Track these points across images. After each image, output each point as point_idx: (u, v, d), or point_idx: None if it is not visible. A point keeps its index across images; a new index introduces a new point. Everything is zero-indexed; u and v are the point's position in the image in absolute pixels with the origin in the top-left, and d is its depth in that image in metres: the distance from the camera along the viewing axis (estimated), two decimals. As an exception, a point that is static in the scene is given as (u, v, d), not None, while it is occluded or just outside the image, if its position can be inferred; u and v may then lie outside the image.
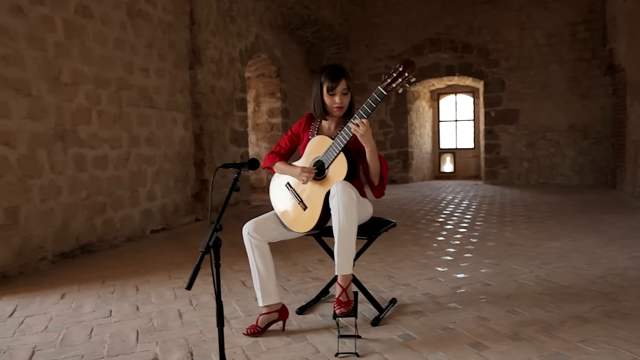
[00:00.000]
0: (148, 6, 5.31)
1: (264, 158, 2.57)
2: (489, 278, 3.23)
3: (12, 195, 3.60)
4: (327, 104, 2.38)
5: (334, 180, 2.27)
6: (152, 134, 5.34)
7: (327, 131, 2.49)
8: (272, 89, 9.76)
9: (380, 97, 2.19)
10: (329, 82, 2.34)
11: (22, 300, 3.03)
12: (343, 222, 2.16)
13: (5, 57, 3.57)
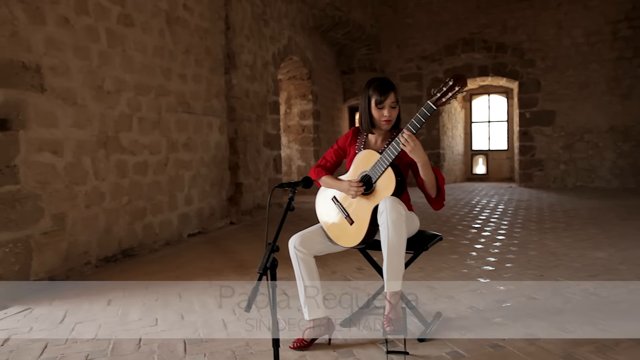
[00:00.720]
0: (185, 13, 5.38)
1: (310, 171, 2.57)
2: (534, 291, 3.16)
3: (60, 202, 3.70)
4: (375, 117, 2.36)
5: (381, 195, 2.25)
6: (189, 139, 5.41)
7: (374, 145, 2.47)
8: (304, 91, 9.78)
9: (429, 112, 2.16)
10: (377, 95, 2.32)
11: (71, 305, 3.11)
12: (392, 239, 2.14)
13: (53, 67, 3.67)
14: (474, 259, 4.09)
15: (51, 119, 3.65)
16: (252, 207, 6.85)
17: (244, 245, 4.91)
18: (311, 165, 9.93)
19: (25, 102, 3.44)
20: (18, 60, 3.39)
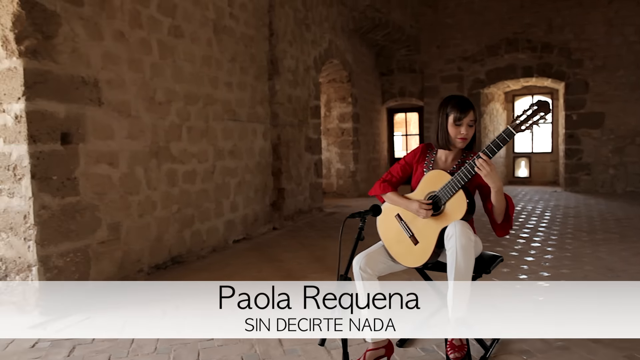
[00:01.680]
0: (232, 21, 5.44)
1: (374, 185, 2.54)
2: (597, 314, 3.04)
3: (115, 211, 3.81)
4: (451, 135, 2.32)
5: (450, 217, 2.21)
6: (234, 146, 5.48)
7: (444, 164, 2.42)
8: (343, 93, 9.76)
9: (509, 137, 2.11)
10: (457, 113, 2.28)
11: (128, 315, 3.19)
12: (460, 264, 2.09)
13: (109, 81, 3.77)
14: (526, 273, 3.98)
15: (107, 131, 3.75)
16: (293, 212, 6.88)
17: (290, 254, 4.93)
18: (350, 169, 9.90)
19: (84, 115, 3.55)
20: (78, 75, 3.50)
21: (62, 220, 3.35)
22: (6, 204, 3.23)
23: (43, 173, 3.22)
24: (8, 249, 3.26)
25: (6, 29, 3.12)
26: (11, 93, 3.15)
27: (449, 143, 2.34)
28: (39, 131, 3.20)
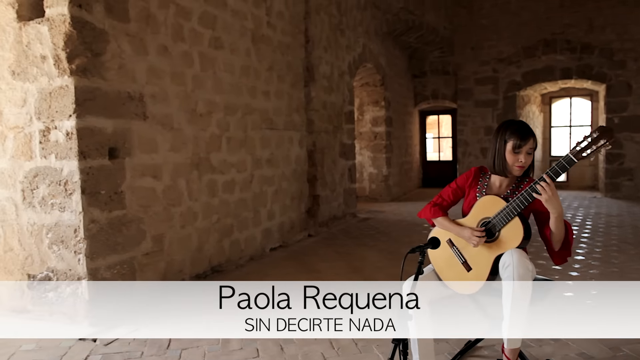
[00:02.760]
0: (269, 30, 5.46)
1: (423, 208, 2.50)
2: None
3: (159, 223, 3.87)
4: (508, 162, 2.25)
5: (506, 245, 2.16)
6: (271, 155, 5.50)
7: (498, 189, 2.36)
8: (376, 97, 9.70)
9: (569, 165, 2.04)
10: (516, 140, 2.21)
11: (174, 328, 3.23)
12: (517, 295, 2.04)
13: (154, 95, 3.83)
14: (572, 291, 3.87)
15: (152, 144, 3.82)
16: (328, 219, 6.88)
17: (327, 264, 4.92)
18: (382, 173, 9.84)
19: (130, 130, 3.61)
20: (125, 91, 3.57)
21: (110, 233, 3.43)
22: (57, 217, 3.32)
23: (92, 188, 3.30)
24: (59, 261, 3.35)
25: (59, 49, 3.20)
26: (63, 110, 3.23)
27: (505, 170, 2.28)
28: (88, 147, 3.28)
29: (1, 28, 3.41)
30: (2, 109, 3.46)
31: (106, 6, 3.42)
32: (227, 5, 4.73)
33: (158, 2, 3.89)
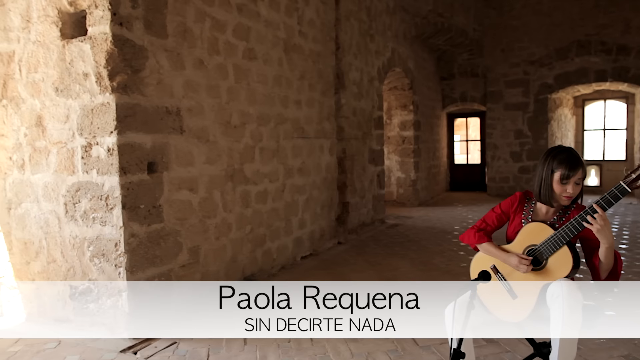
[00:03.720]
0: (301, 39, 5.46)
1: (466, 232, 2.47)
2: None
3: (195, 235, 3.92)
4: (555, 192, 2.20)
5: (554, 274, 2.12)
6: (303, 164, 5.51)
7: (544, 215, 2.32)
8: (404, 101, 9.63)
9: (622, 194, 1.98)
10: (564, 170, 2.16)
11: (211, 343, 3.27)
12: (567, 327, 2.00)
13: (190, 109, 3.88)
14: (614, 310, 3.76)
15: (188, 158, 3.86)
16: (357, 226, 6.86)
17: (358, 274, 4.90)
18: (410, 177, 9.76)
19: (168, 144, 3.66)
20: (163, 105, 3.62)
21: (148, 247, 3.48)
22: (99, 231, 3.39)
23: (132, 202, 3.35)
24: (100, 273, 3.42)
25: (100, 66, 3.27)
26: (104, 127, 3.30)
27: (552, 199, 2.23)
28: (128, 163, 3.33)
29: (45, 46, 3.49)
30: (46, 124, 3.55)
31: (145, 23, 3.47)
32: (261, 15, 4.76)
33: (194, 16, 3.93)
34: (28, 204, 3.70)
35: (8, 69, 3.68)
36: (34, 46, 3.55)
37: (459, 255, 5.57)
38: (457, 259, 5.40)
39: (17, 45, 3.63)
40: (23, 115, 3.65)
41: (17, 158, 3.71)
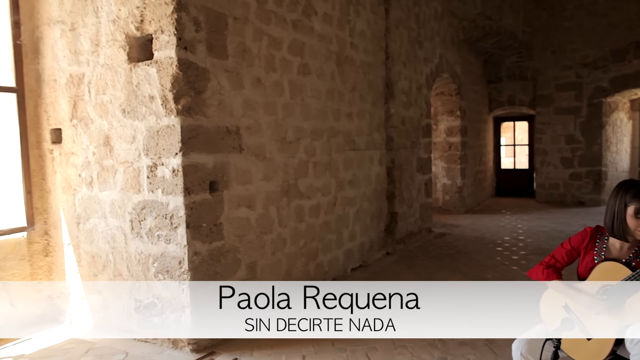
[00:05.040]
0: (352, 51, 5.46)
1: (534, 269, 2.41)
2: None
3: (252, 251, 3.99)
4: (630, 227, 2.13)
5: (632, 316, 2.04)
6: (354, 176, 5.52)
7: (618, 252, 2.24)
8: (451, 106, 9.47)
9: None
10: (639, 204, 2.09)
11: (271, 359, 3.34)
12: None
13: (249, 127, 3.94)
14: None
15: (247, 175, 3.94)
16: (405, 235, 6.81)
17: (411, 289, 4.86)
18: (457, 184, 9.61)
19: (228, 163, 3.74)
20: (223, 125, 3.70)
21: (210, 264, 3.57)
22: (163, 249, 3.50)
23: (195, 221, 3.45)
24: (164, 289, 3.53)
25: (166, 89, 3.37)
26: (169, 148, 3.40)
27: (626, 234, 2.15)
28: (192, 183, 3.43)
29: (113, 69, 3.63)
30: (114, 144, 3.69)
31: (208, 45, 3.56)
32: (314, 30, 4.78)
33: (252, 35, 4.00)
34: (96, 219, 3.86)
35: (78, 90, 3.85)
36: (102, 69, 3.70)
37: (512, 271, 5.45)
38: (511, 276, 5.28)
39: (87, 68, 3.79)
40: (92, 135, 3.81)
41: (85, 175, 3.88)
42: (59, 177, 4.06)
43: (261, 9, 4.08)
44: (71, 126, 3.93)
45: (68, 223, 4.03)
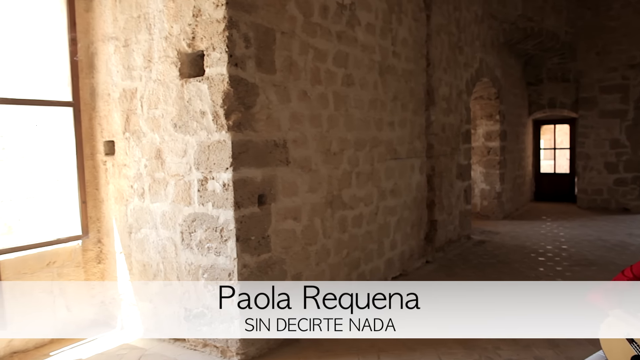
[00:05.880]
0: (394, 59, 5.45)
1: (595, 293, 2.36)
2: None
3: (297, 263, 4.04)
4: None
5: None
6: (395, 185, 5.51)
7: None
8: (490, 111, 9.32)
9: None
10: None
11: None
12: None
13: (295, 140, 3.99)
14: None
15: (293, 188, 3.98)
16: (444, 243, 6.76)
17: (454, 300, 4.82)
18: (495, 189, 9.45)
19: (275, 177, 3.80)
20: (271, 139, 3.76)
21: (258, 275, 3.64)
22: (213, 260, 3.58)
23: (245, 235, 3.51)
24: (214, 300, 3.61)
25: (217, 105, 3.45)
26: (220, 163, 3.48)
27: None
28: (242, 197, 3.50)
29: (165, 84, 3.73)
30: (165, 157, 3.80)
31: (257, 61, 3.61)
32: (358, 40, 4.79)
33: (299, 49, 4.04)
34: (147, 229, 3.98)
35: (131, 104, 3.98)
36: (154, 84, 3.81)
37: (556, 284, 5.33)
38: (556, 287, 5.18)
39: (139, 83, 3.90)
40: (144, 148, 3.93)
41: (137, 187, 4.01)
42: (111, 188, 4.20)
43: (307, 22, 4.11)
44: (124, 139, 4.06)
45: (120, 232, 4.18)
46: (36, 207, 4.22)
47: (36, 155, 4.21)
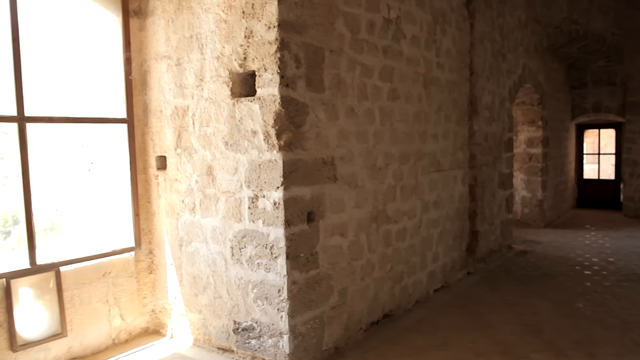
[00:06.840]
0: (438, 71, 5.41)
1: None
2: None
3: (343, 278, 4.08)
4: None
5: None
6: (438, 197, 5.48)
7: None
8: (532, 116, 9.14)
9: None
10: None
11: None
12: None
13: (342, 157, 4.03)
14: None
15: (340, 204, 4.02)
16: (485, 254, 6.68)
17: (497, 316, 4.75)
18: (537, 197, 9.27)
19: (324, 194, 3.85)
20: (320, 157, 3.80)
21: (306, 292, 3.70)
22: (263, 276, 3.66)
23: (294, 252, 3.58)
24: (263, 314, 3.70)
25: (268, 125, 3.52)
26: (271, 182, 3.55)
27: None
28: (292, 215, 3.56)
29: (217, 103, 3.83)
30: (216, 174, 3.90)
31: (307, 80, 3.66)
32: (403, 54, 4.78)
33: (346, 66, 4.07)
34: (197, 243, 4.10)
35: (182, 121, 4.10)
36: (206, 103, 3.91)
37: (604, 299, 5.19)
38: (604, 304, 5.04)
39: (191, 101, 4.02)
40: (195, 164, 4.04)
41: (188, 201, 4.13)
42: (163, 202, 4.34)
43: (355, 39, 4.14)
44: (175, 155, 4.18)
45: (171, 244, 4.31)
46: (93, 219, 4.40)
47: (92, 170, 4.38)
